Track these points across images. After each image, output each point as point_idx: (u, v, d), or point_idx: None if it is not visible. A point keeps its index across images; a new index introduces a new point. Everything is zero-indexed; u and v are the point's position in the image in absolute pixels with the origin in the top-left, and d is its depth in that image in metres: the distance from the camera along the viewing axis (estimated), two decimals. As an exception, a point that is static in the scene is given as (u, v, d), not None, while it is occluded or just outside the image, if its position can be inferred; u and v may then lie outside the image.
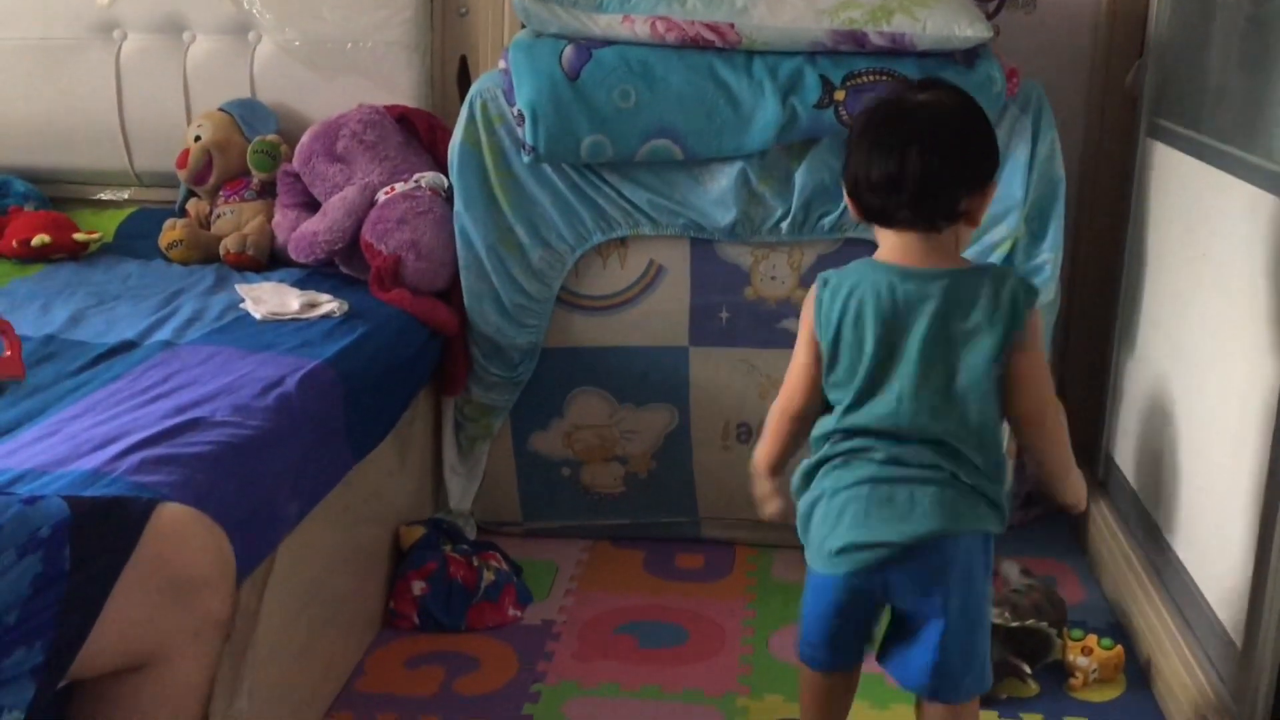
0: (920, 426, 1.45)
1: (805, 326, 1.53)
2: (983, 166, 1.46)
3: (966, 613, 1.47)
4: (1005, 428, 1.54)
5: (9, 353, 1.75)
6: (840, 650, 1.55)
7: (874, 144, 1.44)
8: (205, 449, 1.50)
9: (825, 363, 1.50)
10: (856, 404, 1.48)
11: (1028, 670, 1.89)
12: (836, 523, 1.47)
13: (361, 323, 2.03)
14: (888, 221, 1.46)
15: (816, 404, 1.53)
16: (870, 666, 1.82)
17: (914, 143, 1.41)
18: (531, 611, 2.15)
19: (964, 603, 1.47)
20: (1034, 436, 1.52)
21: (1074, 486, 1.57)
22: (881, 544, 1.45)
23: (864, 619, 1.54)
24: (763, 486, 1.61)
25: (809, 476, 1.52)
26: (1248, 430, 1.68)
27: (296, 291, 2.13)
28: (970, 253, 2.12)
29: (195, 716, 1.35)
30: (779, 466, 1.59)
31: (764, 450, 1.59)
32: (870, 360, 1.46)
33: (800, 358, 1.53)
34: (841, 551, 1.47)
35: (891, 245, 1.48)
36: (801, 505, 1.53)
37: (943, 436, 1.45)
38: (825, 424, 1.51)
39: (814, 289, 1.53)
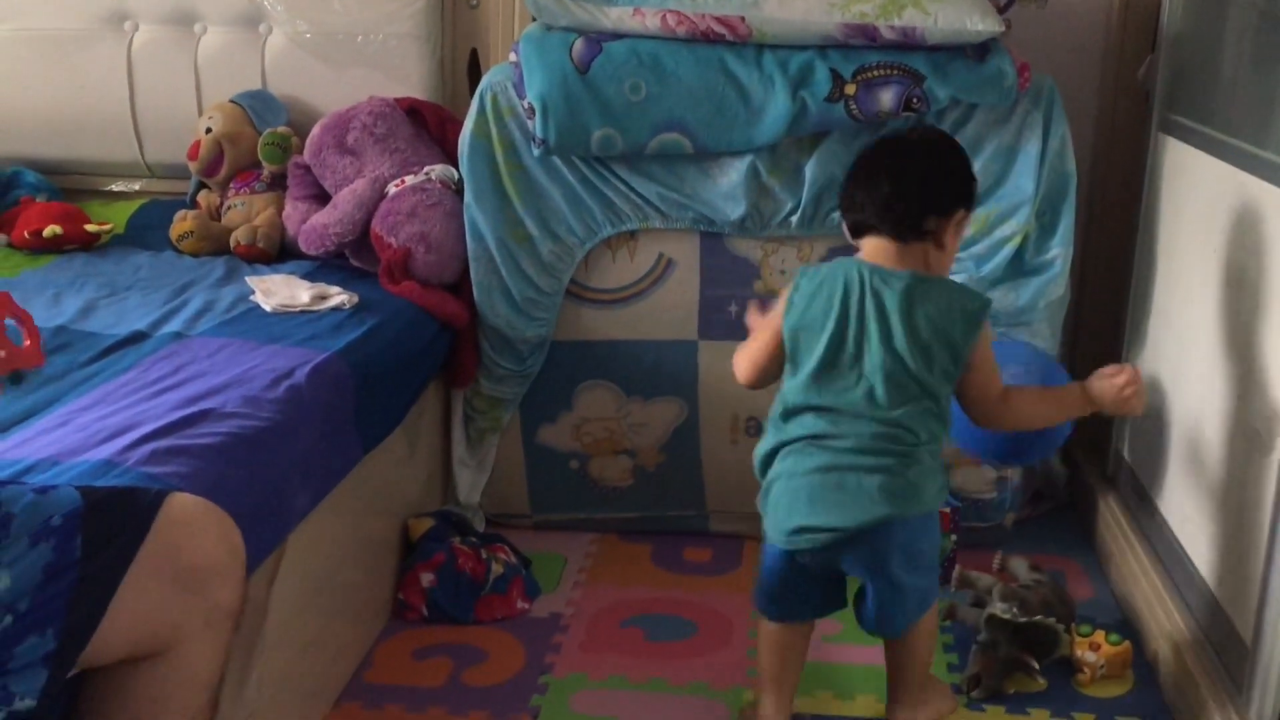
0: (876, 408, 1.63)
1: (778, 307, 1.72)
2: (947, 193, 1.69)
3: (908, 575, 1.67)
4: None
5: (28, 342, 1.76)
6: (790, 607, 1.76)
7: (859, 169, 1.71)
8: (216, 440, 1.50)
9: (788, 344, 1.70)
10: (815, 381, 1.67)
11: (1036, 666, 1.89)
12: (792, 504, 1.67)
13: (371, 315, 2.04)
14: (862, 231, 1.70)
15: (767, 381, 1.77)
16: (877, 659, 1.84)
17: (887, 166, 1.68)
18: (539, 604, 2.15)
19: (905, 569, 1.67)
20: (1003, 423, 1.74)
21: (1075, 405, 1.74)
22: (831, 529, 1.64)
23: (812, 584, 1.74)
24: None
25: (768, 459, 1.72)
26: (1258, 426, 1.68)
27: (306, 284, 2.14)
28: (981, 246, 2.12)
29: (205, 706, 1.36)
30: None
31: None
32: (830, 336, 1.65)
33: (763, 334, 1.74)
34: (795, 532, 1.67)
35: (868, 250, 1.69)
36: (764, 482, 1.73)
37: (898, 419, 1.63)
38: (783, 400, 1.71)
39: (794, 277, 1.72)
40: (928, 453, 1.65)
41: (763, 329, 1.75)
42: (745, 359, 1.77)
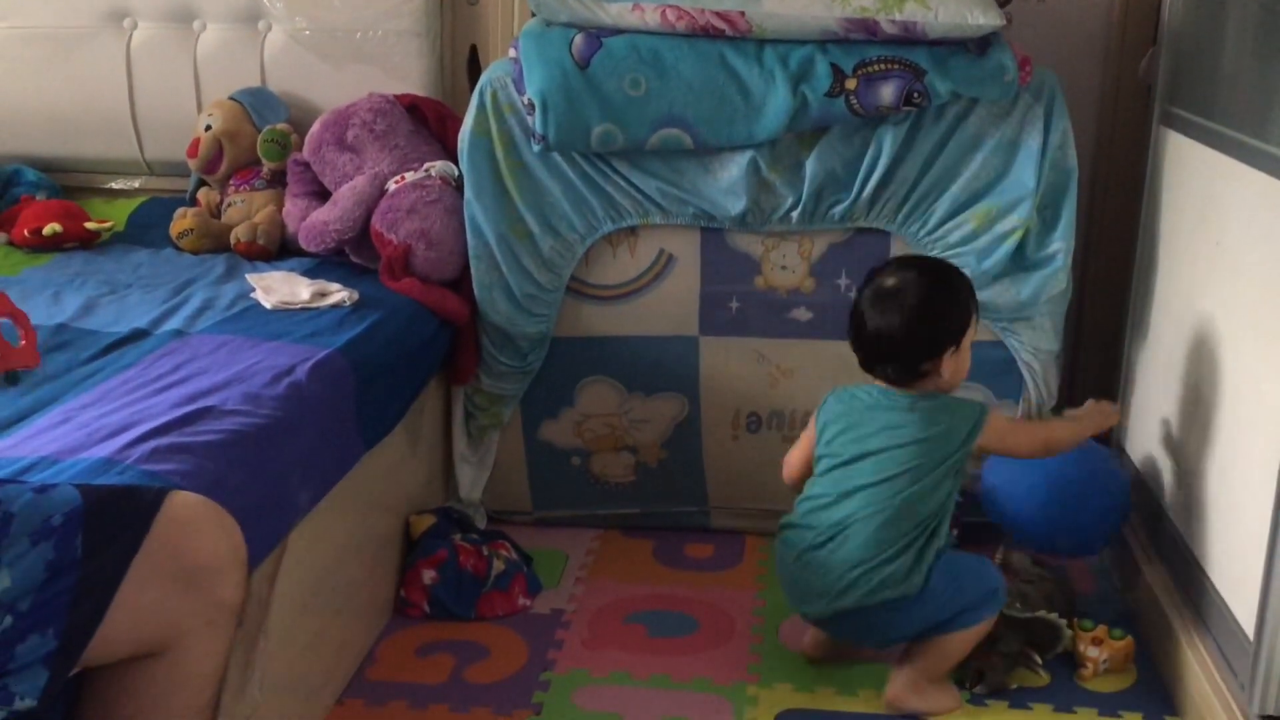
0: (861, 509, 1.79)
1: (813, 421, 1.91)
2: (936, 337, 1.80)
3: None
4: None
5: (24, 342, 1.76)
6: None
7: (855, 314, 1.84)
8: (216, 437, 1.50)
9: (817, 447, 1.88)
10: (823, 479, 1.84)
11: (1039, 660, 1.89)
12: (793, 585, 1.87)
13: (372, 312, 2.04)
14: (871, 372, 1.87)
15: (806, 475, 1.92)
16: (879, 655, 1.83)
17: (876, 319, 1.81)
18: (541, 600, 2.15)
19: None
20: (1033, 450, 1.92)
21: (1076, 436, 1.93)
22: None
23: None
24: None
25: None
26: (1262, 420, 1.68)
27: (307, 281, 2.13)
28: (982, 241, 2.12)
29: (207, 704, 1.36)
30: None
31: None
32: (833, 447, 1.83)
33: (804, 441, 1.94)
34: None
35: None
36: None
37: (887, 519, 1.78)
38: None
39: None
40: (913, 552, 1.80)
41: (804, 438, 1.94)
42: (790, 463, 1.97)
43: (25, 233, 2.42)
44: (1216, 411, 1.85)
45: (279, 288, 2.10)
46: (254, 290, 2.10)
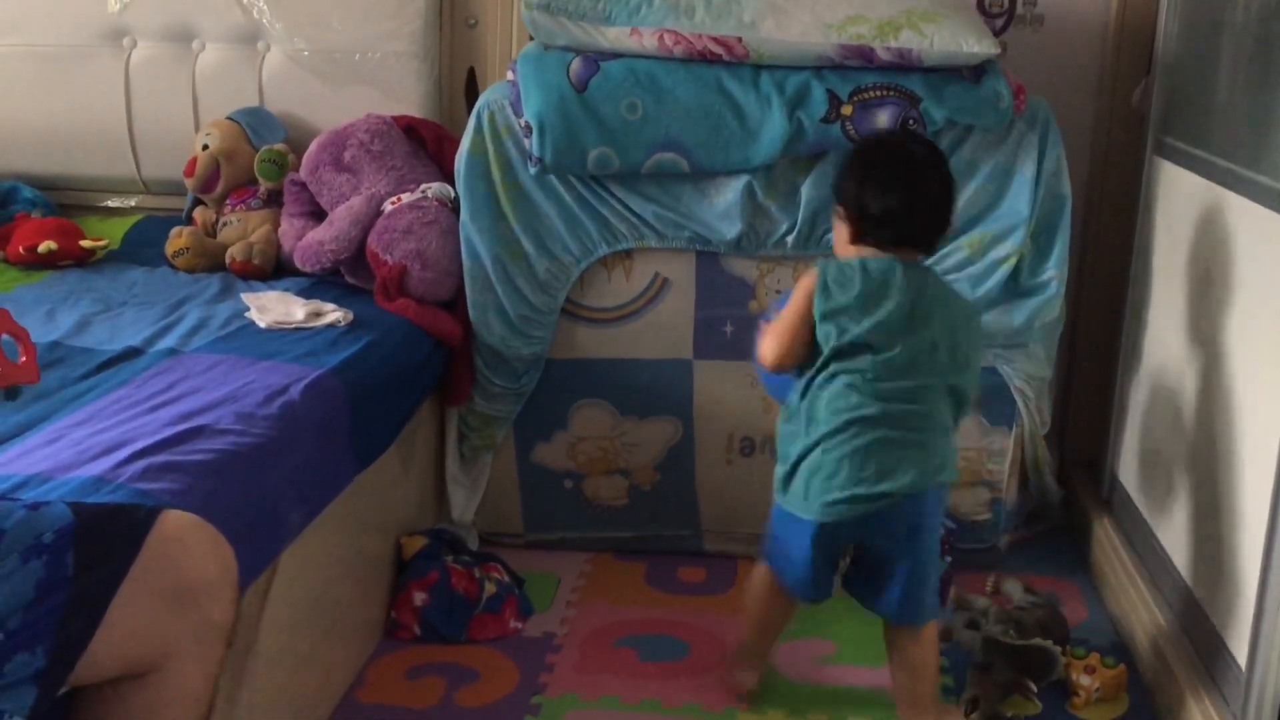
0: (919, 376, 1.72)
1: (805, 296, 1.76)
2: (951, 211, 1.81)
3: (932, 555, 1.79)
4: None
5: (24, 358, 1.76)
6: (824, 588, 1.83)
7: (886, 181, 1.74)
8: (209, 457, 1.50)
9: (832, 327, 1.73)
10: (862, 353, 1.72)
11: (1033, 688, 1.88)
12: (833, 475, 1.72)
13: (366, 332, 2.04)
14: (886, 239, 1.76)
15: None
16: (872, 681, 1.83)
17: (916, 185, 1.75)
18: (533, 623, 2.15)
19: (929, 545, 1.77)
20: None
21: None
22: (876, 495, 1.70)
23: (830, 565, 1.82)
24: None
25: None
26: (1254, 449, 1.68)
27: (301, 300, 2.14)
28: (976, 268, 2.13)
29: (196, 724, 1.35)
30: None
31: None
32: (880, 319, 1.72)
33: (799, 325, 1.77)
34: (837, 503, 1.71)
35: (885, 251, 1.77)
36: (793, 459, 1.77)
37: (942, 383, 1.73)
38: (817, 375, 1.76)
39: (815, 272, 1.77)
40: (951, 424, 1.78)
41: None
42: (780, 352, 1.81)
43: (20, 250, 2.42)
44: (1209, 440, 1.86)
45: (274, 307, 2.10)
46: (249, 310, 2.10)
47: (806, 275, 1.77)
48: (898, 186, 1.73)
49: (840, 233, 1.79)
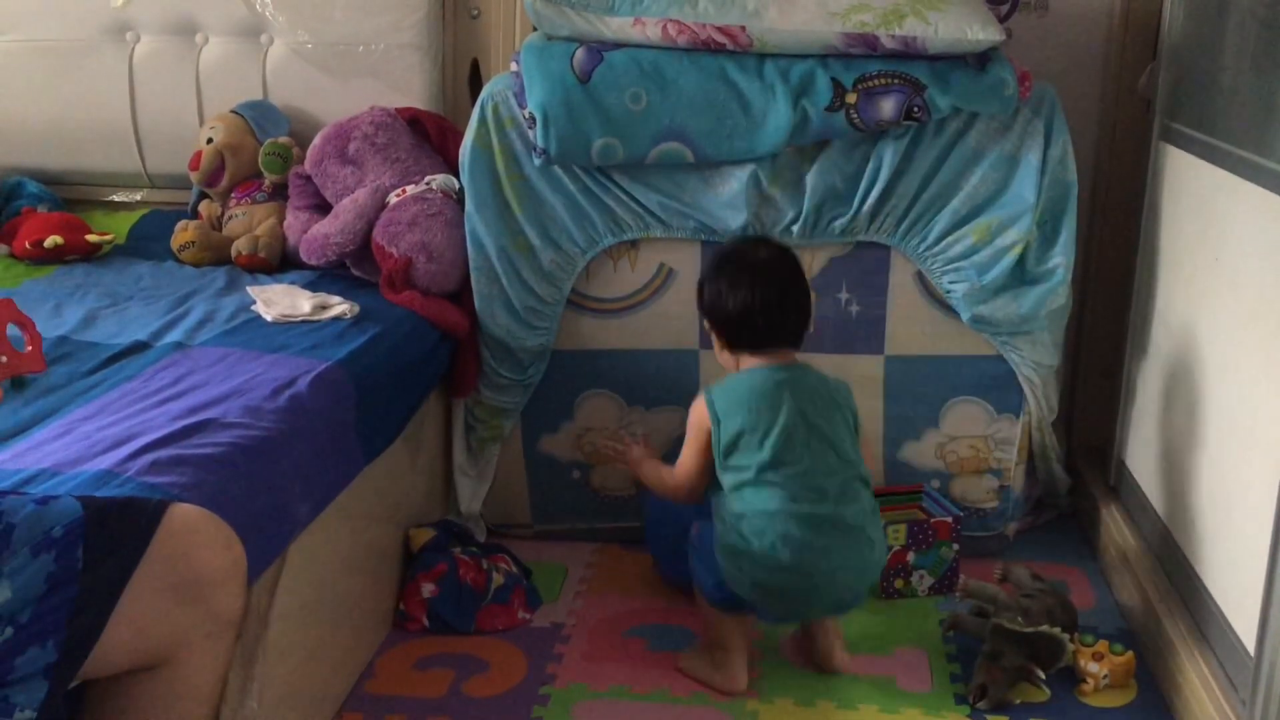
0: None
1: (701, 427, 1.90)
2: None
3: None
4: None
5: (30, 347, 1.77)
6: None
7: (757, 290, 1.87)
8: (217, 450, 1.50)
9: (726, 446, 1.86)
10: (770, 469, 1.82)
11: (1041, 675, 1.88)
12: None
13: (372, 324, 2.04)
14: (760, 344, 1.90)
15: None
16: (881, 669, 1.83)
17: (783, 288, 1.90)
18: (541, 614, 2.15)
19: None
20: None
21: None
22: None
23: None
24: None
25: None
26: (1262, 434, 1.68)
27: (308, 293, 2.14)
28: (983, 255, 2.12)
29: (206, 717, 1.36)
30: None
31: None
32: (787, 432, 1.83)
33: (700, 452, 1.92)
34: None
35: (764, 359, 1.90)
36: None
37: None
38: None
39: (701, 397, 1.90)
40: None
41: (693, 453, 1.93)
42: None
43: (26, 245, 2.42)
44: (1217, 426, 1.85)
45: (280, 300, 2.10)
46: (255, 303, 2.11)
47: (694, 408, 1.91)
48: (745, 282, 1.86)
49: (716, 343, 1.94)
